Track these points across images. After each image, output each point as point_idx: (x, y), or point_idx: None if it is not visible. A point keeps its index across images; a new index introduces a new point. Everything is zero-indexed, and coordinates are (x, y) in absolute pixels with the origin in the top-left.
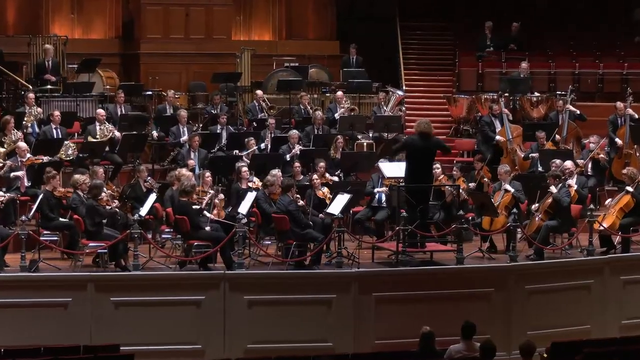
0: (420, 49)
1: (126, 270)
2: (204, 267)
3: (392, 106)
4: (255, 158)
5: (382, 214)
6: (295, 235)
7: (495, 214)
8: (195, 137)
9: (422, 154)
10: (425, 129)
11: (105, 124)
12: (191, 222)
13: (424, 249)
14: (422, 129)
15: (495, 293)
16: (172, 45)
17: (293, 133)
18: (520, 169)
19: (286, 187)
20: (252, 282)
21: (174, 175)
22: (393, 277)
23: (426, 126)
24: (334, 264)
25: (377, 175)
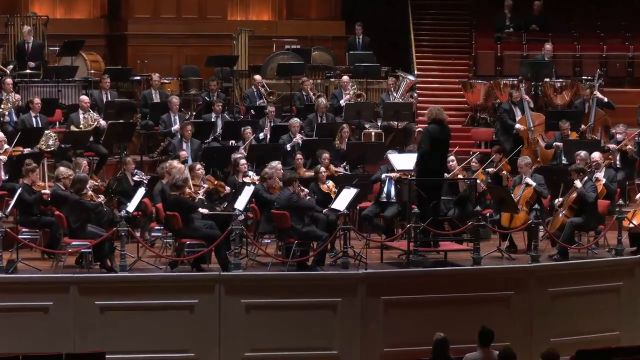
0: (433, 30)
1: (112, 271)
2: (197, 268)
3: (403, 92)
4: (253, 149)
5: (392, 210)
6: (296, 234)
7: (515, 210)
8: (188, 126)
9: (437, 144)
10: (439, 116)
11: (90, 112)
12: (183, 218)
13: (438, 248)
14: (436, 115)
15: (515, 296)
16: (163, 26)
17: (294, 121)
18: (542, 161)
19: (288, 181)
20: (249, 284)
21: (164, 168)
22: (403, 279)
23: (437, 112)
24: (339, 264)
25: (386, 168)
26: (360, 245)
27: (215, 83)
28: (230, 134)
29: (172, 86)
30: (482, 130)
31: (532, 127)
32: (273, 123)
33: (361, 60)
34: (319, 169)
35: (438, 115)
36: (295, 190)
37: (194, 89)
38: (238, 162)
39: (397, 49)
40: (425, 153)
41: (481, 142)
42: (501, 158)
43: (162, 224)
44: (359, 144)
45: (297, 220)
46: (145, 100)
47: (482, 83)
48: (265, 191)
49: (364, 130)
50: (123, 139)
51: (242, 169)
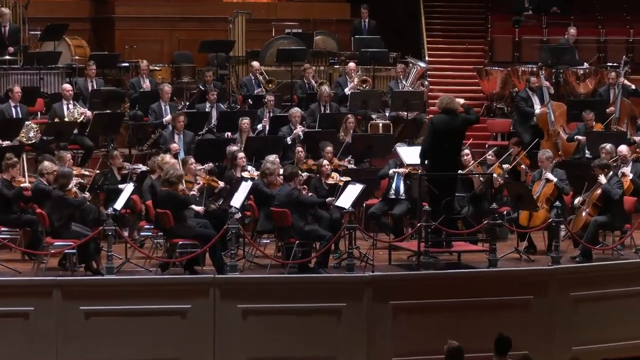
0: (445, 13)
1: (98, 274)
2: (190, 270)
3: (413, 80)
4: (250, 142)
5: (401, 207)
6: (298, 233)
7: (534, 207)
8: (180, 117)
9: (448, 136)
10: (449, 105)
11: (76, 105)
12: (175, 216)
13: (450, 249)
14: (446, 104)
15: (535, 301)
16: (153, 8)
17: (295, 112)
18: (564, 155)
19: (290, 176)
20: (247, 288)
21: (155, 162)
22: (414, 282)
23: (447, 101)
24: (343, 266)
25: (395, 162)
26: (366, 245)
27: (211, 74)
28: (226, 125)
29: (163, 73)
30: (498, 122)
31: (553, 118)
32: (272, 113)
33: (367, 46)
34: (321, 162)
35: (448, 105)
36: (296, 185)
37: (187, 77)
38: (236, 156)
39: (406, 33)
40: (427, 148)
41: (497, 134)
42: (519, 151)
43: (152, 223)
44: (365, 136)
45: (299, 218)
46: (133, 89)
47: (498, 70)
48: (264, 186)
49: (371, 121)
50: (110, 130)
51: (241, 163)
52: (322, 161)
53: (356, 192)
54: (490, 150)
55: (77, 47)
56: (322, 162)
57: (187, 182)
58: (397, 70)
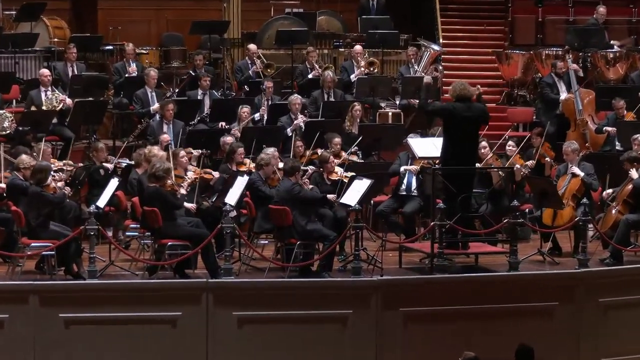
0: None
1: (79, 278)
2: (180, 274)
3: (426, 65)
4: (246, 132)
5: (413, 205)
6: (299, 233)
7: (559, 205)
8: (169, 105)
9: (464, 126)
10: (459, 91)
11: (55, 91)
12: (164, 215)
13: (467, 250)
14: (456, 92)
15: (560, 308)
16: None
17: (296, 99)
18: (592, 147)
19: (291, 170)
20: (243, 293)
21: (141, 155)
22: (426, 287)
23: (460, 87)
24: (349, 270)
25: (406, 155)
26: (374, 247)
27: (201, 57)
28: (220, 114)
29: (151, 57)
30: (520, 110)
31: (580, 106)
32: (271, 101)
33: (376, 27)
34: (326, 156)
35: (462, 92)
36: (297, 180)
37: (177, 61)
38: (235, 150)
39: (418, 13)
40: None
41: (519, 125)
42: (543, 143)
43: (138, 222)
44: (373, 126)
45: (300, 216)
46: (118, 75)
47: (520, 54)
48: (262, 182)
49: (380, 110)
50: (92, 120)
51: (239, 158)
52: (327, 155)
53: (363, 188)
54: (510, 141)
55: (55, 29)
56: (327, 156)
57: (177, 177)
58: (408, 54)
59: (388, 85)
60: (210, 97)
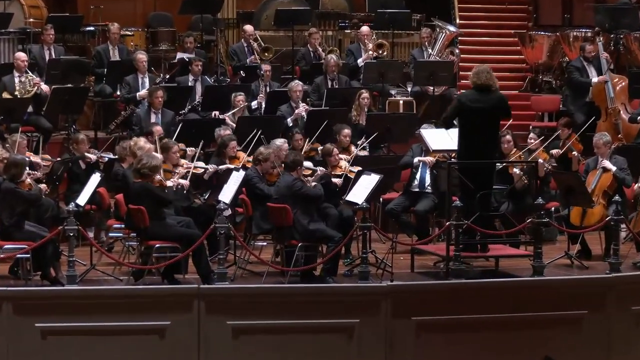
0: None
1: (57, 283)
2: (169, 279)
3: (441, 48)
4: (241, 123)
5: (426, 203)
6: (300, 234)
7: (588, 203)
8: (158, 92)
9: (482, 117)
10: (485, 80)
11: (28, 73)
12: (151, 214)
13: (486, 253)
14: (481, 80)
15: (589, 317)
16: None
17: (297, 86)
18: (625, 139)
19: (292, 165)
20: (238, 300)
21: (126, 148)
22: (441, 294)
23: (487, 76)
24: (356, 274)
25: (419, 147)
26: (384, 249)
27: (191, 40)
28: (213, 102)
29: (136, 39)
30: (545, 98)
31: (612, 94)
32: (269, 88)
33: (385, 6)
34: (329, 148)
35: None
36: (299, 176)
37: (165, 44)
38: (227, 143)
39: None
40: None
41: (544, 114)
42: (570, 134)
43: (123, 221)
44: (382, 116)
45: (302, 215)
46: (100, 59)
47: (545, 35)
48: (260, 179)
49: (390, 98)
50: (71, 109)
51: (231, 152)
52: (330, 147)
53: (371, 185)
54: (531, 132)
55: (31, 8)
56: (330, 148)
57: (165, 172)
58: (421, 35)
59: (399, 70)
60: (203, 84)
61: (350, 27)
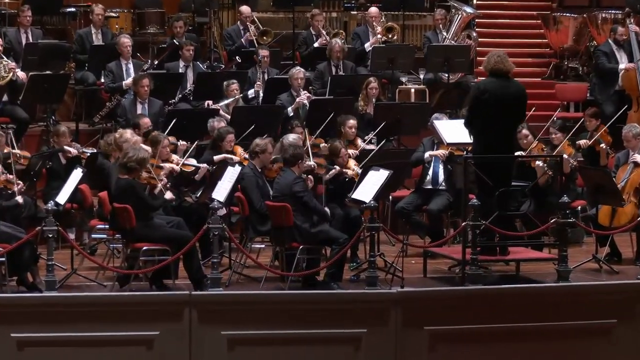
0: None
1: (35, 289)
2: (158, 285)
3: (456, 31)
4: (237, 113)
5: (440, 201)
6: (302, 235)
7: (618, 201)
8: (144, 80)
9: (500, 107)
10: (494, 64)
11: (3, 59)
12: (138, 213)
13: (506, 256)
14: (490, 64)
15: (620, 326)
16: None
17: (298, 73)
18: None
19: (292, 159)
20: (234, 308)
21: (111, 141)
22: (457, 301)
23: (497, 59)
24: (363, 280)
25: (431, 140)
26: (393, 252)
27: (181, 24)
28: (206, 90)
29: (122, 22)
30: (570, 87)
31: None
32: (267, 75)
33: None
34: (338, 147)
35: (497, 65)
36: (301, 173)
37: (154, 27)
38: (224, 136)
39: None
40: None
41: (569, 104)
42: (598, 126)
43: (107, 221)
44: (392, 105)
45: (303, 215)
46: (82, 43)
47: (571, 17)
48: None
49: (400, 86)
50: (51, 98)
51: (228, 146)
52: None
53: (380, 181)
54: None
55: None
56: (339, 147)
57: (155, 168)
58: (435, 17)
59: (410, 55)
60: (194, 70)
61: (356, 8)
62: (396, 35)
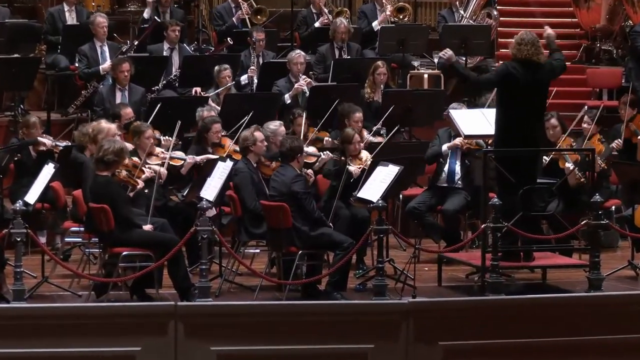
0: None
1: (2, 300)
2: (139, 295)
3: (475, 9)
4: (228, 101)
5: (456, 200)
6: (301, 239)
7: None
8: (124, 64)
9: (526, 95)
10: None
11: None
12: (117, 214)
13: (531, 262)
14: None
15: None
16: None
17: (297, 56)
18: None
19: (290, 153)
20: (224, 321)
21: (86, 133)
22: (476, 313)
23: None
24: (370, 289)
25: (447, 132)
26: (404, 257)
27: None
28: (193, 76)
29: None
30: (603, 71)
31: None
32: (262, 59)
33: None
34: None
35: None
36: (300, 168)
37: (134, 4)
38: (209, 127)
39: None
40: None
41: (602, 90)
42: (635, 115)
43: (82, 223)
44: (402, 93)
45: (303, 216)
46: (54, 23)
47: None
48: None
49: (412, 71)
50: (19, 84)
51: (214, 137)
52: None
53: (389, 178)
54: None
55: None
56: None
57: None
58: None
59: (423, 36)
60: (180, 53)
61: None
62: (408, 16)
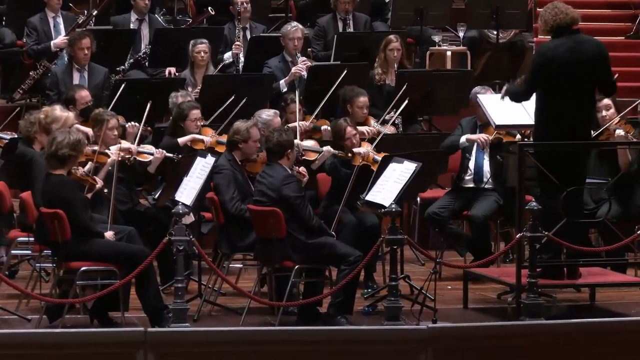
0: None
1: None
2: (101, 318)
3: None
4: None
5: (486, 205)
6: (298, 250)
7: None
8: (83, 40)
9: (573, 76)
10: (563, 17)
11: None
12: (74, 222)
13: (576, 280)
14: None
15: None
16: None
17: (293, 30)
18: None
19: (278, 149)
20: (204, 351)
21: (35, 123)
22: (509, 342)
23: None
24: (381, 312)
25: (472, 121)
26: (423, 274)
27: None
28: (166, 53)
29: None
30: None
31: None
32: (250, 33)
33: None
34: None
35: (558, 18)
36: (291, 166)
37: None
38: (186, 113)
39: None
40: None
41: None
42: None
43: (32, 232)
44: (420, 74)
45: (299, 224)
46: None
47: None
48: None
49: (431, 48)
50: None
51: (193, 127)
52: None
53: (405, 177)
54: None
55: None
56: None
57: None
58: None
59: (446, 5)
60: (151, 26)
61: None
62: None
